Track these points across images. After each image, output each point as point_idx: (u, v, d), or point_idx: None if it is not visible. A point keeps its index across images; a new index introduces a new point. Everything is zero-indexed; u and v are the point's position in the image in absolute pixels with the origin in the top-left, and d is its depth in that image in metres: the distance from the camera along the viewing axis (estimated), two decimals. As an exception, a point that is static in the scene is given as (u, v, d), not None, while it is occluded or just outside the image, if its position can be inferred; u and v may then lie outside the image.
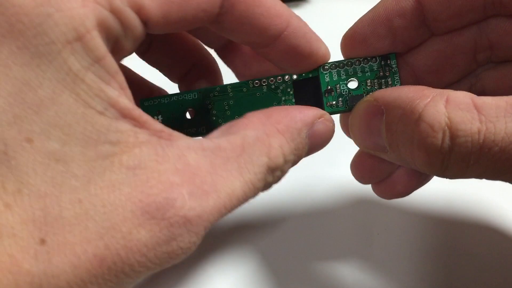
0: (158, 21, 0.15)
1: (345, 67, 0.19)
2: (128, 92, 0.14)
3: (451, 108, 0.14)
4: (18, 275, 0.12)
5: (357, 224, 0.23)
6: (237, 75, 0.22)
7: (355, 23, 0.19)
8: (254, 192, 0.16)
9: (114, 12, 0.13)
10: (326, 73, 0.19)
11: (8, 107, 0.12)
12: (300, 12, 0.42)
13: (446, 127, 0.14)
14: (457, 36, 0.19)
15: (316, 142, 0.18)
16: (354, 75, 0.19)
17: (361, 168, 0.21)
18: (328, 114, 0.19)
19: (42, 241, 0.12)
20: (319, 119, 0.18)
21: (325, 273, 0.22)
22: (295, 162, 0.18)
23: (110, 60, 0.13)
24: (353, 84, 0.19)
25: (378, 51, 0.19)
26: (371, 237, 0.23)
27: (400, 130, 0.16)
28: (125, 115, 0.14)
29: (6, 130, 0.12)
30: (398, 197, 0.21)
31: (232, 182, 0.15)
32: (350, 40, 0.19)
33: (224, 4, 0.16)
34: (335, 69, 0.19)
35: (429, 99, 0.15)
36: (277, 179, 0.17)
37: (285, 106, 0.19)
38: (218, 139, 0.16)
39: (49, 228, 0.12)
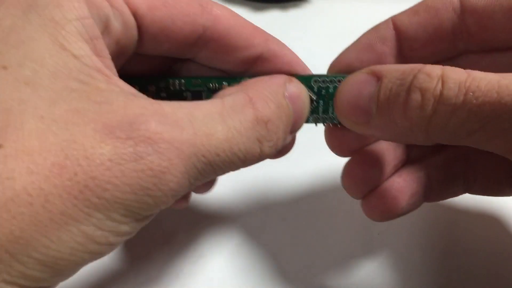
0: (145, 14, 0.16)
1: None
2: (108, 61, 0.15)
3: (447, 68, 0.16)
4: None
5: (357, 224, 0.23)
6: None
7: (340, 53, 0.20)
8: (243, 142, 0.16)
9: None
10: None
11: None
12: (300, 12, 0.42)
13: (440, 76, 0.16)
14: None
15: (297, 104, 0.18)
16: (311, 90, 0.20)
17: (353, 175, 0.21)
18: (295, 78, 0.19)
19: (0, 146, 0.12)
20: (289, 82, 0.18)
21: (324, 273, 0.22)
22: (287, 124, 0.17)
23: (91, 22, 0.15)
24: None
25: None
26: (372, 237, 0.23)
27: (395, 87, 0.17)
28: (97, 69, 0.15)
29: None
30: (389, 215, 0.21)
31: (212, 126, 0.15)
32: (335, 68, 0.20)
33: (208, 24, 0.18)
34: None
35: (427, 65, 0.16)
36: (274, 136, 0.17)
37: (254, 78, 0.19)
38: (196, 102, 0.16)
39: (9, 136, 0.13)
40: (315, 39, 0.38)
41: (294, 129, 0.19)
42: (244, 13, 0.41)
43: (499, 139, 0.15)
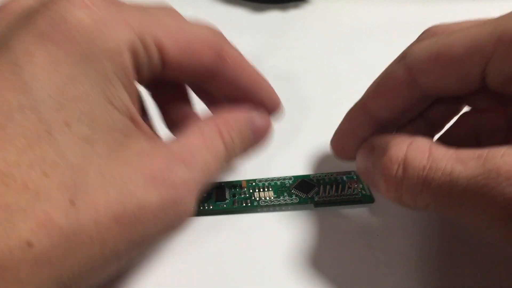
0: (172, 62, 0.19)
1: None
2: (137, 105, 0.18)
3: (410, 149, 0.18)
4: (51, 228, 0.14)
5: (356, 225, 0.23)
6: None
7: (333, 137, 0.23)
8: (221, 166, 0.20)
9: (143, 42, 0.18)
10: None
11: (55, 96, 0.15)
12: (300, 12, 0.42)
13: (402, 161, 0.18)
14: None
15: (261, 134, 0.22)
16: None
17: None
18: (264, 110, 0.22)
19: (72, 202, 0.15)
20: (256, 115, 0.22)
21: (324, 275, 0.22)
22: (243, 149, 0.21)
23: (132, 72, 0.17)
24: None
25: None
26: (371, 239, 0.23)
27: (376, 164, 0.20)
28: (131, 118, 0.18)
29: (51, 114, 0.15)
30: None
31: (207, 158, 0.19)
32: (334, 152, 0.24)
33: (218, 65, 0.20)
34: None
35: (397, 142, 0.19)
36: (233, 156, 0.21)
37: (231, 109, 0.22)
38: (183, 136, 0.19)
39: (78, 193, 0.15)
40: (315, 39, 0.38)
41: (253, 149, 0.22)
42: (244, 13, 0.41)
43: (469, 218, 0.17)
